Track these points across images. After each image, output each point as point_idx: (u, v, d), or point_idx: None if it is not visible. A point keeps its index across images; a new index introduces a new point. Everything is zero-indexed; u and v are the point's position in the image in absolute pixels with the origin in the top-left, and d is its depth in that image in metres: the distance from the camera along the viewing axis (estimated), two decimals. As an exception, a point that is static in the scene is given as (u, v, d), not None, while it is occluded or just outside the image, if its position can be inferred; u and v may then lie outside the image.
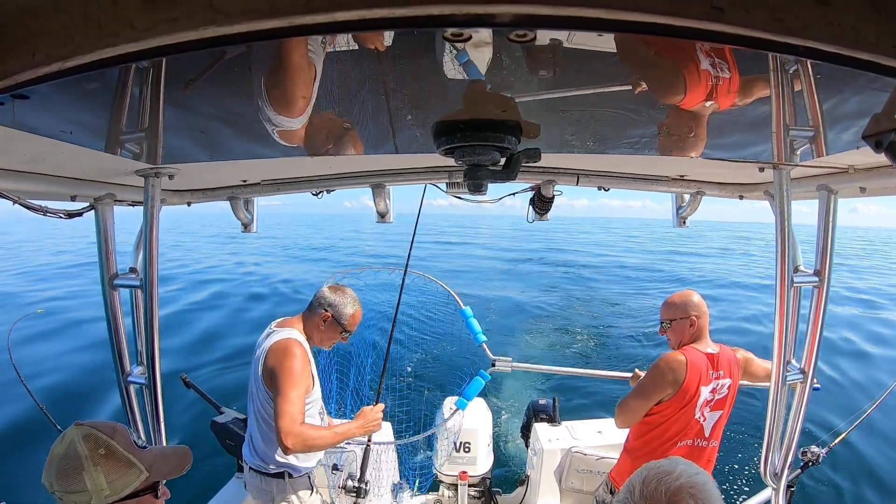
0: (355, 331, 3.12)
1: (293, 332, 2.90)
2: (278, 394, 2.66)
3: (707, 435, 2.94)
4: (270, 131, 1.23)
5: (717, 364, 2.94)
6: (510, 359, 4.09)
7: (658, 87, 1.12)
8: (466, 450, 4.27)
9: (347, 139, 1.55)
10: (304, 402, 2.78)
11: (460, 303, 4.14)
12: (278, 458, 2.94)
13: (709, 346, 3.00)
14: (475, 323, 3.72)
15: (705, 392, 2.86)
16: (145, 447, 1.69)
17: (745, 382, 3.26)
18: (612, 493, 3.08)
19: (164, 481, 1.74)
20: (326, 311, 2.98)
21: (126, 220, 2.61)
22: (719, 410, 2.95)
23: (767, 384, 3.06)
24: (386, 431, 4.60)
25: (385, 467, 4.21)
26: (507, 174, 1.58)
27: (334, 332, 3.03)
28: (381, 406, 3.07)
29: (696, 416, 2.88)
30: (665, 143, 1.70)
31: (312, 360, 2.96)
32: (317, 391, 3.01)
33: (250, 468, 3.02)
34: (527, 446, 4.91)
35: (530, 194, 3.01)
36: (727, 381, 2.96)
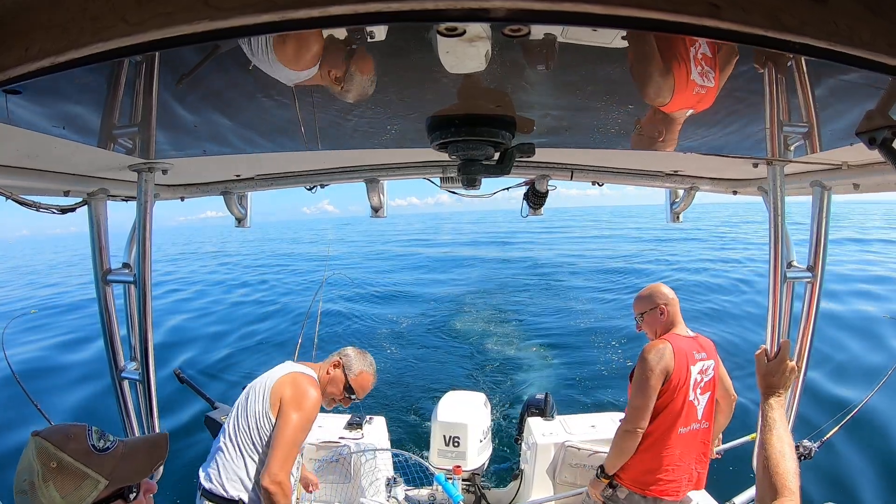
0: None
1: (313, 378, 2.82)
2: (282, 433, 2.54)
3: (700, 417, 3.00)
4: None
5: (700, 346, 3.06)
6: None
7: (646, 86, 1.12)
8: (456, 444, 4.28)
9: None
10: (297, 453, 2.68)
11: (433, 469, 4.18)
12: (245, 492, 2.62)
13: (687, 331, 3.12)
14: (450, 486, 3.81)
15: (694, 373, 2.94)
16: (108, 448, 1.51)
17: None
18: (612, 487, 3.07)
19: (150, 476, 1.62)
20: (340, 359, 2.96)
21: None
22: (708, 392, 3.03)
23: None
24: (379, 426, 4.62)
25: (380, 462, 4.22)
26: (501, 169, 1.58)
27: (338, 384, 2.91)
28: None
29: (691, 399, 2.93)
30: (636, 141, 1.71)
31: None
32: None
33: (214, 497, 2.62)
34: (520, 441, 4.94)
35: (524, 189, 3.02)
36: (711, 363, 3.05)
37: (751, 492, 3.61)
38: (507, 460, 6.33)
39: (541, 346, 12.25)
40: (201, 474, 2.67)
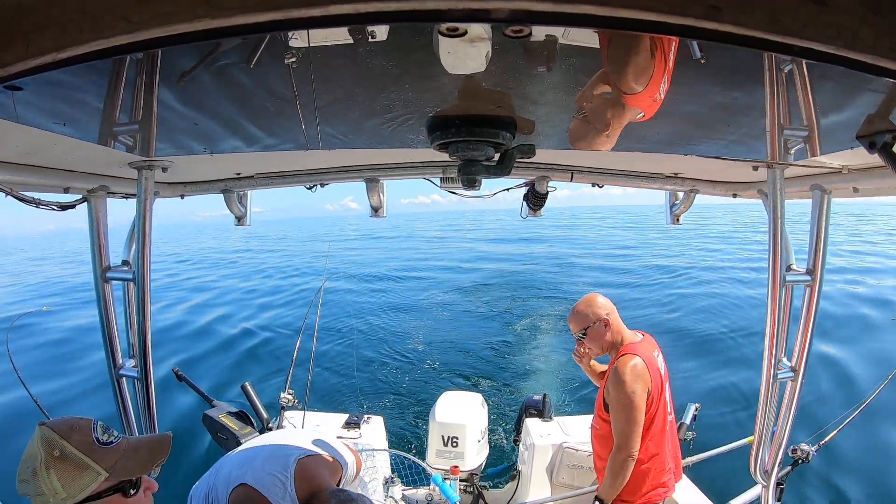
0: None
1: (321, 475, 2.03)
2: None
3: (670, 409, 2.99)
4: None
5: (652, 343, 3.04)
6: None
7: (623, 67, 1.02)
8: (454, 444, 4.29)
9: None
10: None
11: (430, 470, 4.21)
12: None
13: (636, 334, 3.06)
14: (448, 487, 3.80)
15: (662, 373, 2.94)
16: (112, 442, 1.56)
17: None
18: None
19: (148, 474, 1.66)
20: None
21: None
22: (667, 382, 3.01)
23: None
24: (377, 426, 4.62)
25: (377, 461, 4.22)
26: (501, 170, 1.58)
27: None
28: None
29: (666, 398, 2.94)
30: (576, 127, 1.49)
31: None
32: None
33: None
34: (518, 442, 4.94)
35: (524, 190, 3.01)
36: (660, 355, 3.04)
37: (748, 494, 3.62)
38: (504, 461, 6.34)
39: (538, 347, 12.25)
40: None
